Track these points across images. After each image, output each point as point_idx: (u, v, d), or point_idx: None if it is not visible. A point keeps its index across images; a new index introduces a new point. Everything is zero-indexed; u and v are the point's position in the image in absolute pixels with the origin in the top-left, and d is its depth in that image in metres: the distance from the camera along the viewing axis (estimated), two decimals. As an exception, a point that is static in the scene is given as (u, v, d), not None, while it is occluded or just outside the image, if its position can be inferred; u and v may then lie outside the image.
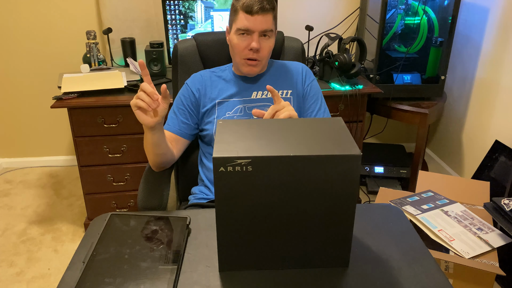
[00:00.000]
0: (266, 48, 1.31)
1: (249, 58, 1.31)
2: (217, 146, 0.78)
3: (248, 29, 1.26)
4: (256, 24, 1.26)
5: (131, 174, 2.04)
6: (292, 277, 0.85)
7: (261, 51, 1.30)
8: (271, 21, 1.28)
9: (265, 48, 1.30)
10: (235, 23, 1.29)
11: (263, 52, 1.30)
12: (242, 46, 1.29)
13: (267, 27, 1.27)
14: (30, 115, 2.68)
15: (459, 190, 1.73)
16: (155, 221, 0.99)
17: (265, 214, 0.81)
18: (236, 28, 1.29)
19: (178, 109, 1.38)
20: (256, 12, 1.24)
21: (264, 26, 1.26)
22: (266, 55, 1.33)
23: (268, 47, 1.31)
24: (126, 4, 2.35)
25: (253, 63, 1.32)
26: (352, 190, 0.79)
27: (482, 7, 2.19)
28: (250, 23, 1.25)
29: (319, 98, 1.41)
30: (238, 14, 1.27)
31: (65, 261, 1.98)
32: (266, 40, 1.30)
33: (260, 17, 1.25)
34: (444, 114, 2.63)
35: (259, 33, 1.27)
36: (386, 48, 2.26)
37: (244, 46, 1.29)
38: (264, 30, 1.27)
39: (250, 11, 1.24)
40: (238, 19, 1.28)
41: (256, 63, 1.32)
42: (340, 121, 0.89)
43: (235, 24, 1.29)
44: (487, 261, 1.37)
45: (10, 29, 2.45)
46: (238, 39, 1.29)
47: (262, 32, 1.27)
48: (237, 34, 1.29)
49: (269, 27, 1.28)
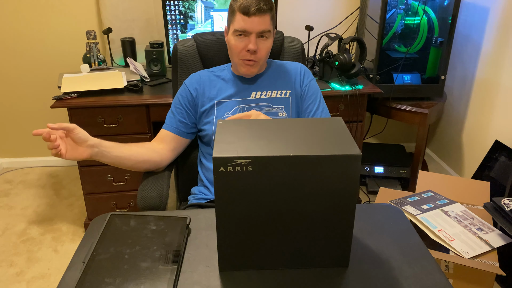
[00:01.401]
0: (264, 49, 1.31)
1: (246, 59, 1.31)
2: (217, 146, 0.78)
3: (245, 31, 1.26)
4: (253, 26, 1.25)
5: (131, 174, 2.04)
6: (292, 277, 0.85)
7: (259, 52, 1.30)
8: (268, 22, 1.28)
9: (263, 49, 1.30)
10: (233, 24, 1.29)
11: (261, 53, 1.30)
12: (239, 47, 1.29)
13: (264, 28, 1.27)
14: (30, 115, 2.68)
15: (459, 190, 1.73)
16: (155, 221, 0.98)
17: (265, 214, 0.81)
18: (233, 29, 1.29)
19: (175, 109, 1.38)
20: (253, 13, 1.24)
21: (261, 27, 1.26)
22: (264, 56, 1.33)
23: (265, 48, 1.31)
24: (126, 4, 2.35)
25: (251, 63, 1.32)
26: (352, 190, 0.79)
27: (482, 7, 2.18)
28: (247, 25, 1.25)
29: (318, 98, 1.41)
30: (235, 15, 1.27)
31: (65, 261, 1.98)
32: (263, 41, 1.30)
33: (257, 18, 1.25)
34: (444, 114, 2.63)
35: (256, 34, 1.27)
36: (386, 48, 2.26)
37: (241, 47, 1.29)
38: (262, 31, 1.27)
39: (247, 12, 1.24)
40: (235, 20, 1.27)
41: (254, 64, 1.32)
42: (340, 121, 0.89)
43: (232, 25, 1.29)
44: (487, 261, 1.37)
45: (10, 29, 2.45)
46: (235, 40, 1.29)
47: (259, 33, 1.27)
48: (234, 35, 1.29)
49: (266, 28, 1.27)
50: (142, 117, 1.94)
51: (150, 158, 1.31)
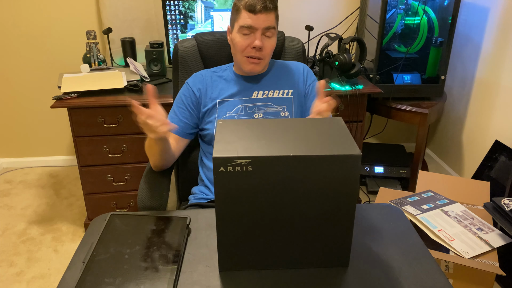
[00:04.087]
0: (269, 47, 1.31)
1: (251, 56, 1.31)
2: (217, 146, 0.78)
3: (251, 27, 1.27)
4: (259, 22, 1.27)
5: (131, 174, 2.04)
6: (292, 277, 0.85)
7: (264, 49, 1.30)
8: (273, 20, 1.30)
9: (268, 47, 1.31)
10: (237, 22, 1.30)
11: (266, 51, 1.31)
12: (244, 44, 1.30)
13: (269, 24, 1.28)
14: (30, 115, 2.68)
15: (459, 190, 1.73)
16: (155, 221, 0.98)
17: (265, 214, 0.81)
18: (239, 26, 1.29)
19: (178, 109, 1.38)
20: (259, 11, 1.25)
21: (267, 24, 1.28)
22: (269, 54, 1.33)
23: (270, 45, 1.32)
24: (126, 4, 2.35)
25: (256, 61, 1.32)
26: (352, 190, 0.79)
27: (482, 7, 2.19)
28: (253, 21, 1.27)
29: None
30: (240, 13, 1.28)
31: (65, 261, 1.98)
32: (268, 39, 1.30)
33: (263, 15, 1.26)
34: (444, 114, 2.63)
35: (261, 31, 1.28)
36: (386, 48, 2.26)
37: (246, 44, 1.30)
38: (267, 27, 1.28)
39: (253, 10, 1.26)
40: (240, 18, 1.28)
41: (259, 62, 1.32)
42: (340, 121, 0.89)
43: (237, 23, 1.30)
44: (487, 261, 1.37)
45: (10, 29, 2.45)
46: (240, 38, 1.30)
47: (264, 30, 1.28)
48: (239, 33, 1.30)
49: (271, 25, 1.29)
50: (142, 117, 1.94)
51: (171, 156, 1.33)
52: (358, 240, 0.96)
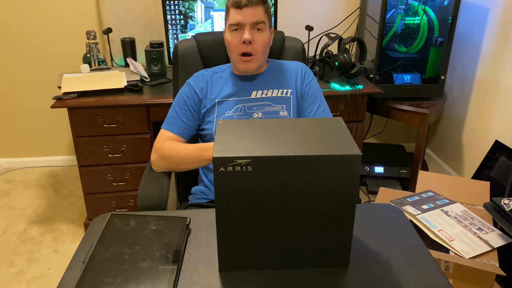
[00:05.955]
0: (260, 41, 1.31)
1: (243, 54, 1.31)
2: (217, 146, 0.78)
3: (239, 23, 1.28)
4: (246, 17, 1.27)
5: (131, 174, 2.04)
6: (292, 277, 0.85)
7: (254, 44, 1.30)
8: (262, 14, 1.30)
9: (259, 41, 1.31)
10: (228, 21, 1.32)
11: (257, 45, 1.31)
12: (235, 41, 1.30)
13: (258, 19, 1.28)
14: (30, 115, 2.68)
15: (459, 190, 1.73)
16: (155, 221, 0.98)
17: (265, 214, 0.81)
18: (228, 24, 1.31)
19: (180, 110, 1.37)
20: (244, 5, 1.26)
21: (254, 18, 1.28)
22: (261, 49, 1.32)
23: (261, 40, 1.31)
24: (126, 4, 2.35)
25: (248, 59, 1.32)
26: (352, 190, 0.79)
27: (482, 7, 2.18)
28: (240, 17, 1.27)
29: (318, 98, 1.41)
30: (229, 11, 1.31)
31: (65, 261, 1.98)
32: (259, 33, 1.30)
33: (249, 9, 1.27)
34: (444, 114, 2.63)
35: (250, 26, 1.28)
36: (386, 48, 2.26)
37: (237, 41, 1.30)
38: (255, 22, 1.28)
39: (239, 6, 1.27)
40: (230, 16, 1.31)
41: (251, 59, 1.32)
42: (340, 121, 0.89)
43: (227, 22, 1.32)
44: (487, 261, 1.37)
45: (10, 29, 2.45)
46: (231, 35, 1.31)
47: (253, 25, 1.28)
48: (230, 31, 1.32)
49: (260, 19, 1.29)
50: (142, 117, 1.94)
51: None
52: (358, 240, 0.96)
